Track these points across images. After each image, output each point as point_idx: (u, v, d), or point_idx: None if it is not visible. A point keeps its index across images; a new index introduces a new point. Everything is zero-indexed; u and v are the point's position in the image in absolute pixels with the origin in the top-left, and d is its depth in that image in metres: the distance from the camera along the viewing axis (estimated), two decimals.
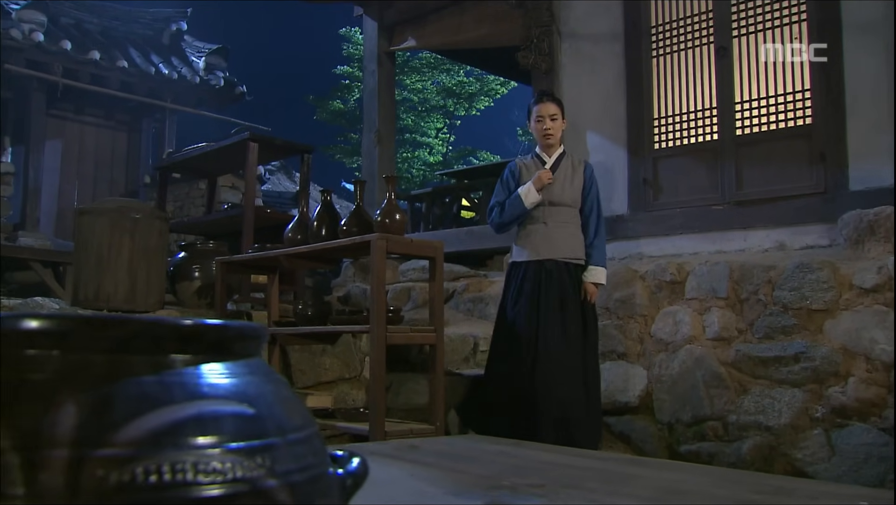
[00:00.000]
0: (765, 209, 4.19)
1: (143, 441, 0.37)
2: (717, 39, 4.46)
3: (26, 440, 0.36)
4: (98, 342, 0.40)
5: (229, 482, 0.38)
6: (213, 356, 0.44)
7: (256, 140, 3.97)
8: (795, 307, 3.56)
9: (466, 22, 5.78)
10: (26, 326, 0.40)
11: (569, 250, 3.44)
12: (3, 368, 0.39)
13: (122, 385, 0.39)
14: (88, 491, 0.35)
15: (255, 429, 0.41)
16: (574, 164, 3.55)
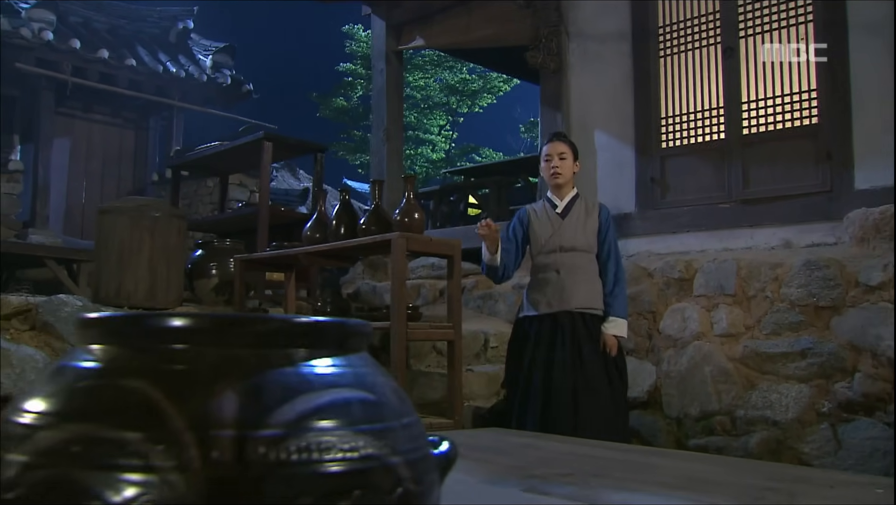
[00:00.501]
0: (771, 207, 4.25)
1: (291, 423, 0.44)
2: (724, 40, 4.52)
3: (199, 422, 0.42)
4: (244, 338, 0.46)
5: (362, 459, 0.45)
6: (334, 350, 0.50)
7: (271, 139, 4.03)
8: (802, 304, 3.62)
9: (474, 21, 5.83)
10: (182, 325, 0.46)
11: (583, 300, 3.18)
12: (164, 361, 0.45)
13: (268, 375, 0.45)
14: (253, 465, 0.42)
15: (378, 413, 0.48)
16: (588, 207, 3.33)
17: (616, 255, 3.29)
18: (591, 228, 3.27)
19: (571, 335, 3.13)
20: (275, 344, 0.47)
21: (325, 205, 3.07)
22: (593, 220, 3.30)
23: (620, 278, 3.26)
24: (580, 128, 5.07)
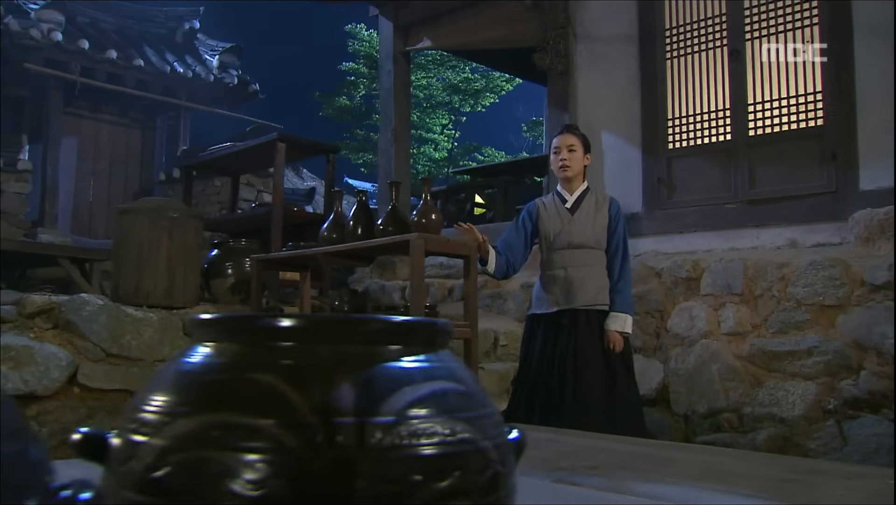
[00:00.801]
0: (777, 208, 4.31)
1: (400, 411, 0.50)
2: (731, 42, 4.58)
3: (323, 410, 0.48)
4: (354, 337, 0.53)
5: (460, 442, 0.51)
6: (426, 347, 0.56)
7: (284, 140, 4.09)
8: (809, 303, 3.68)
9: (482, 23, 5.89)
10: (297, 325, 0.52)
11: (590, 297, 3.13)
12: (283, 357, 0.51)
13: (376, 369, 0.51)
14: (370, 448, 0.48)
15: (469, 402, 0.54)
16: (598, 202, 3.26)
17: (624, 250, 3.22)
18: (600, 224, 3.21)
19: (576, 333, 3.09)
20: (378, 341, 0.53)
21: (341, 205, 3.13)
22: (603, 215, 3.22)
23: (625, 274, 3.19)
24: (587, 128, 5.10)
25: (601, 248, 3.20)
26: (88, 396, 3.08)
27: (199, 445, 0.48)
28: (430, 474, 0.49)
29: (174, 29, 9.39)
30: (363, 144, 16.79)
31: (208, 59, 9.09)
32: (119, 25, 8.91)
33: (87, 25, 8.35)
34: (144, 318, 3.26)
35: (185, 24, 9.48)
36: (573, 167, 3.23)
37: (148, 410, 0.52)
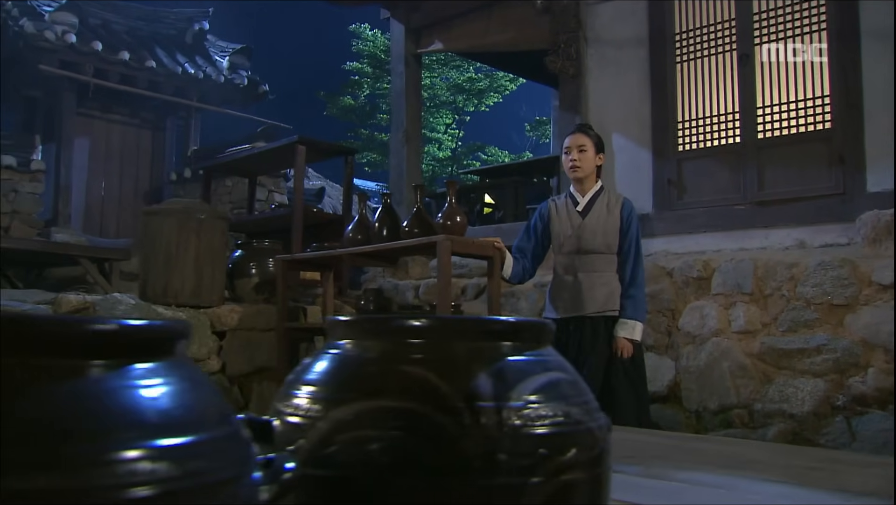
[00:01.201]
0: (785, 209, 4.41)
1: (527, 396, 0.59)
2: (740, 46, 4.67)
3: (466, 397, 0.58)
4: (481, 335, 0.62)
5: (575, 423, 0.61)
6: (535, 343, 0.66)
7: (304, 143, 4.18)
8: (817, 302, 3.79)
9: (493, 26, 5.98)
10: (429, 325, 0.62)
11: (600, 304, 3.08)
12: (422, 352, 0.61)
13: (504, 362, 0.61)
14: (508, 428, 0.57)
15: (577, 390, 0.64)
16: (610, 204, 3.18)
17: (636, 254, 3.13)
18: (611, 227, 3.13)
19: (580, 341, 3.05)
20: (499, 338, 0.63)
21: (366, 207, 3.22)
22: (614, 217, 3.14)
23: (638, 280, 3.09)
24: (598, 130, 5.17)
25: (612, 253, 3.13)
26: None
27: (360, 426, 0.58)
28: (553, 450, 0.58)
29: (184, 30, 9.48)
30: (367, 144, 16.87)
31: (218, 60, 9.18)
32: (130, 27, 9.00)
33: (99, 27, 8.44)
34: (174, 316, 3.35)
35: (195, 25, 9.56)
36: (583, 168, 3.17)
37: (306, 398, 0.62)
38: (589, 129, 3.34)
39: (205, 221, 3.50)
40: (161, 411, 0.44)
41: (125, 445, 0.40)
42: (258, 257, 3.82)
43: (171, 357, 0.48)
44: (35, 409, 0.41)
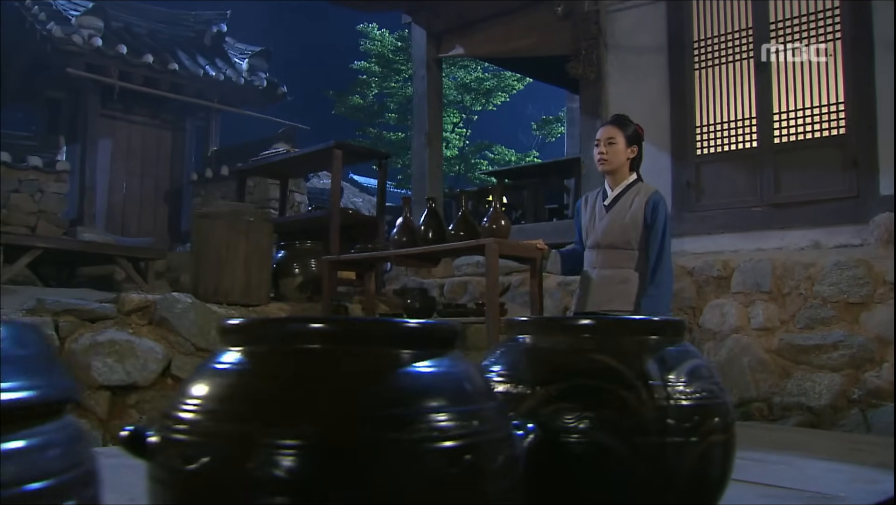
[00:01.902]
0: (801, 211, 4.59)
1: (682, 377, 0.78)
2: (757, 54, 4.85)
3: (642, 377, 0.76)
4: (643, 331, 0.81)
5: (715, 397, 0.80)
6: (676, 338, 0.85)
7: (341, 147, 4.36)
8: (834, 300, 3.97)
9: (514, 32, 6.16)
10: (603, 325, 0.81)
11: (604, 300, 2.99)
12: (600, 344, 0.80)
13: (664, 352, 0.80)
14: (672, 400, 0.76)
15: (709, 373, 0.83)
16: (637, 199, 3.05)
17: (659, 250, 2.97)
18: (632, 222, 3.00)
19: None
20: (654, 333, 0.82)
21: (410, 212, 3.41)
22: (637, 213, 3.01)
23: (658, 278, 2.95)
24: None
25: (631, 249, 3.01)
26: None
27: (566, 399, 0.76)
28: (703, 417, 0.77)
29: (203, 32, 9.65)
30: (375, 142, 17.04)
31: (237, 62, 9.36)
32: (151, 29, 9.18)
33: (122, 30, 8.62)
34: (227, 315, 3.54)
35: (213, 28, 9.74)
36: (610, 160, 3.06)
37: (506, 381, 0.80)
38: (623, 121, 3.19)
39: (253, 224, 3.68)
40: (456, 386, 0.63)
41: (436, 410, 0.59)
42: (301, 258, 4.00)
43: (454, 349, 0.67)
44: (383, 383, 0.60)
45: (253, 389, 0.59)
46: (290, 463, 0.55)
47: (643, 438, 0.73)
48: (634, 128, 3.15)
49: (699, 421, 0.76)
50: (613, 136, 3.08)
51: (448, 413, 0.58)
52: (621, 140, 3.08)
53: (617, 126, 3.13)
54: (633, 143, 3.12)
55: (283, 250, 4.08)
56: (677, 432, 0.75)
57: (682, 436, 0.75)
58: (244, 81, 9.00)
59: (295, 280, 4.00)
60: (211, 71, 8.74)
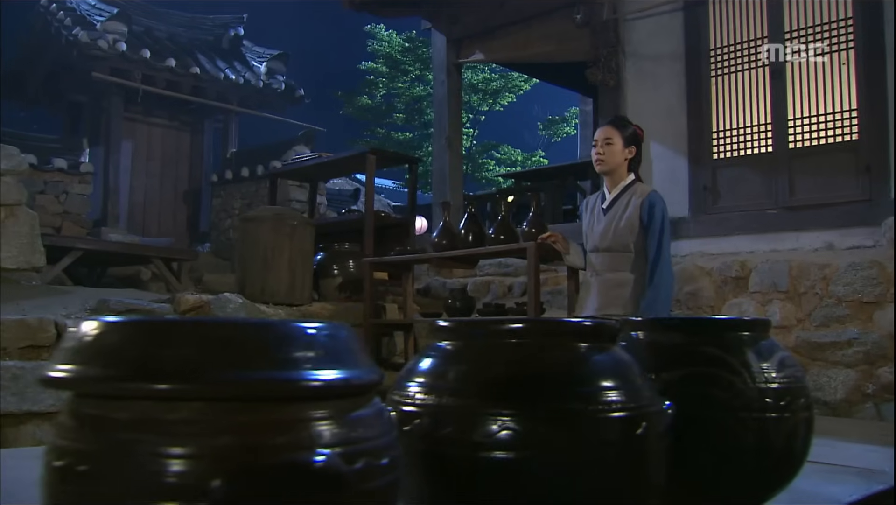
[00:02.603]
0: (815, 214, 4.78)
1: (774, 365, 0.97)
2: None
3: (745, 365, 0.95)
4: (737, 328, 1.00)
5: (798, 380, 0.99)
6: (763, 334, 1.04)
7: (374, 153, 4.55)
8: (848, 300, 4.16)
9: (533, 39, 6.34)
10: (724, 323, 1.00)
11: (602, 304, 2.96)
12: (706, 339, 0.99)
13: (759, 345, 0.99)
14: (769, 382, 0.95)
15: (791, 362, 1.02)
16: (633, 200, 3.01)
17: (657, 254, 2.92)
18: (628, 225, 2.96)
19: None
20: (746, 330, 1.01)
21: (450, 216, 3.60)
22: (633, 215, 2.96)
23: (656, 280, 2.90)
24: None
25: (628, 251, 2.97)
26: None
27: (683, 383, 0.95)
28: (792, 396, 0.96)
29: (220, 36, 9.83)
30: (384, 142, 17.21)
31: (255, 65, 9.54)
32: (171, 33, 9.36)
33: (143, 34, 8.80)
34: (274, 314, 3.73)
35: (231, 31, 9.92)
36: (607, 161, 3.04)
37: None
38: (621, 122, 3.17)
39: (297, 227, 3.87)
40: (624, 370, 0.81)
41: (611, 388, 0.78)
42: (340, 259, 4.19)
43: (615, 343, 0.85)
44: (570, 367, 0.79)
45: (471, 373, 0.78)
46: (503, 429, 0.74)
47: (748, 413, 0.92)
48: (633, 129, 3.12)
49: (789, 400, 0.95)
50: (611, 137, 3.05)
51: (620, 391, 0.77)
52: (619, 141, 3.04)
53: (615, 127, 3.10)
54: (631, 144, 3.08)
55: (322, 252, 4.27)
56: (773, 409, 0.94)
57: (777, 412, 0.94)
58: (263, 85, 9.18)
59: (335, 280, 4.19)
60: (231, 74, 8.93)
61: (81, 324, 0.59)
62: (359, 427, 0.58)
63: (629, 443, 0.75)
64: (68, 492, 0.54)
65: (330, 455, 0.54)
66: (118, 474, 0.51)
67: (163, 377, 0.52)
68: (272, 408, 0.54)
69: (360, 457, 0.56)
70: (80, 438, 0.54)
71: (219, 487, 0.50)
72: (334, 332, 0.60)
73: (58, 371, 0.57)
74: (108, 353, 0.55)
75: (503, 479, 0.71)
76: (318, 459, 0.53)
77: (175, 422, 0.52)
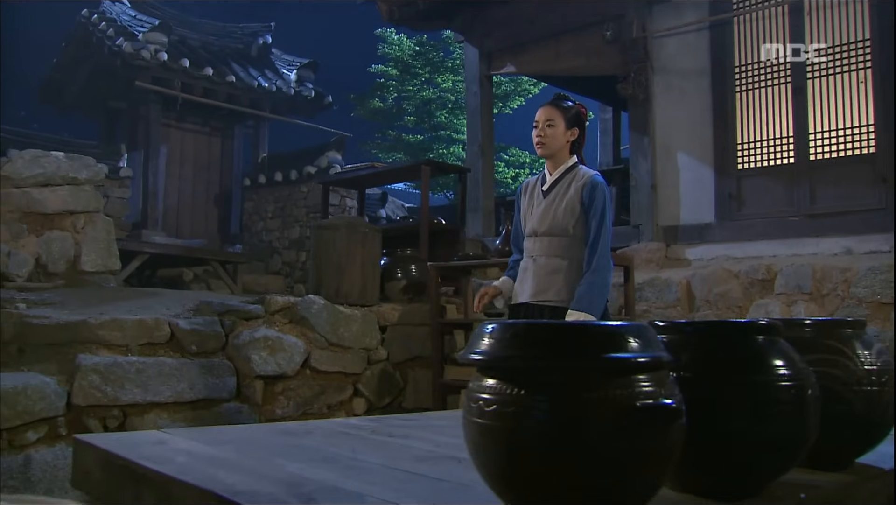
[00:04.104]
0: (834, 221, 5.16)
1: (875, 353, 1.34)
2: (794, 80, 5.42)
3: (856, 356, 1.32)
4: (849, 327, 1.38)
5: (889, 364, 1.36)
6: (862, 331, 1.41)
7: (429, 164, 4.92)
8: (868, 301, 4.55)
9: (563, 53, 6.71)
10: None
11: (539, 290, 2.90)
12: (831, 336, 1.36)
13: (864, 339, 1.36)
14: (877, 366, 1.32)
15: (883, 349, 1.39)
16: (574, 183, 2.92)
17: (595, 238, 2.84)
18: (568, 208, 2.89)
19: None
20: (854, 328, 1.39)
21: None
22: (573, 198, 2.89)
23: (597, 266, 2.81)
24: (664, 150, 5.99)
25: (567, 235, 2.90)
26: (318, 377, 3.93)
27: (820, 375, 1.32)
28: (889, 375, 1.33)
29: (249, 44, 10.18)
30: (395, 144, 17.57)
31: (285, 73, 9.89)
32: (203, 42, 9.70)
33: (179, 43, 9.14)
34: (351, 314, 4.10)
35: (259, 40, 10.27)
36: (548, 144, 2.94)
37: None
38: (563, 102, 3.02)
39: (368, 234, 4.24)
40: (784, 352, 1.18)
41: (776, 366, 1.15)
42: (403, 263, 4.56)
43: (780, 336, 1.22)
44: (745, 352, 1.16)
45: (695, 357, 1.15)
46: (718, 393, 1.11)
47: (858, 387, 1.29)
48: (576, 109, 3.00)
49: (885, 379, 1.33)
50: (552, 119, 2.93)
51: (786, 368, 1.14)
52: (561, 122, 2.93)
53: (556, 107, 2.96)
54: (574, 126, 2.97)
55: (386, 257, 4.64)
56: (875, 385, 1.31)
57: (878, 387, 1.31)
58: (294, 92, 9.53)
59: (399, 283, 4.56)
60: (264, 82, 9.28)
61: (485, 326, 0.96)
62: (664, 386, 0.95)
63: (794, 402, 1.12)
64: (497, 425, 0.90)
65: (657, 401, 0.91)
66: (536, 411, 0.88)
67: (569, 357, 0.90)
68: (629, 374, 0.91)
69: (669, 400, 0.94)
70: (504, 392, 0.91)
71: (610, 419, 0.87)
72: (644, 330, 0.97)
73: (478, 355, 0.94)
74: (526, 342, 0.92)
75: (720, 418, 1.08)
76: (647, 402, 0.89)
77: (575, 383, 0.89)
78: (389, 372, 4.14)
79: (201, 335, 3.53)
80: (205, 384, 3.41)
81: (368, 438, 1.61)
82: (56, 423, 3.07)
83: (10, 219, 4.75)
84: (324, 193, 6.07)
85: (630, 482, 0.91)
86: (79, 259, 4.97)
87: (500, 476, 0.93)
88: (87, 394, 3.14)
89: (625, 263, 3.58)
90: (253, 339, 3.67)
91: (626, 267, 3.63)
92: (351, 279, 4.17)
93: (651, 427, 0.89)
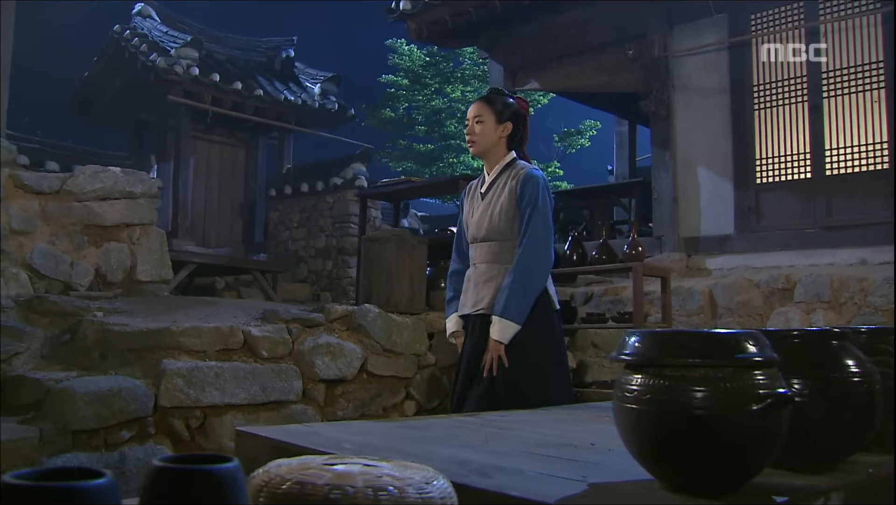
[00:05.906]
0: (850, 233, 5.44)
1: None
2: (811, 98, 5.71)
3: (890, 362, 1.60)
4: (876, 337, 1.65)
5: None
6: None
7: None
8: (884, 309, 4.82)
9: (585, 70, 7.00)
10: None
11: (479, 300, 2.73)
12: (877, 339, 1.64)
13: None
14: None
15: None
16: (510, 182, 2.72)
17: (525, 236, 2.64)
18: (504, 210, 2.69)
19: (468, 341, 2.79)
20: None
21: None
22: (507, 198, 2.69)
23: (520, 269, 2.61)
24: (685, 164, 6.28)
25: (509, 239, 2.71)
26: (374, 381, 4.19)
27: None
28: None
29: (273, 57, 10.48)
30: (406, 153, 17.88)
31: (309, 86, 10.19)
32: (229, 56, 10.00)
33: (207, 57, 9.43)
34: (403, 322, 4.37)
35: (283, 53, 10.56)
36: (477, 142, 2.76)
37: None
38: (493, 96, 2.83)
39: (416, 247, 4.51)
40: (852, 354, 1.46)
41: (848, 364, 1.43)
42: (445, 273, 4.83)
43: (850, 341, 1.50)
44: (823, 356, 1.44)
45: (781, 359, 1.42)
46: (804, 386, 1.39)
47: None
48: (506, 101, 2.80)
49: None
50: (480, 114, 2.76)
51: (856, 366, 1.42)
52: (490, 118, 2.75)
53: (485, 102, 2.79)
54: (506, 120, 2.77)
55: (429, 267, 4.91)
56: None
57: None
58: (318, 105, 9.82)
59: (442, 293, 4.83)
60: (290, 96, 9.57)
61: (629, 335, 1.24)
62: (776, 379, 1.22)
63: (864, 395, 1.40)
64: (652, 411, 1.18)
65: (774, 391, 1.19)
66: (683, 399, 1.15)
67: (708, 357, 1.17)
68: (747, 371, 1.18)
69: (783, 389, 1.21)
70: (654, 385, 1.19)
71: (741, 405, 1.15)
72: (759, 336, 1.25)
73: (629, 357, 1.22)
74: (670, 346, 1.19)
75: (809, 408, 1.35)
76: (767, 391, 1.17)
77: (713, 377, 1.16)
78: (437, 376, 4.41)
79: (272, 341, 3.80)
80: (275, 387, 3.68)
81: (483, 430, 1.86)
82: (145, 422, 3.32)
83: (72, 231, 5.03)
84: (361, 205, 6.35)
85: (753, 456, 1.18)
86: (135, 269, 5.25)
87: (651, 452, 1.20)
88: (172, 396, 3.40)
89: (662, 274, 3.86)
90: (316, 345, 3.93)
91: (662, 278, 3.90)
92: (400, 289, 4.43)
93: (771, 411, 1.16)
